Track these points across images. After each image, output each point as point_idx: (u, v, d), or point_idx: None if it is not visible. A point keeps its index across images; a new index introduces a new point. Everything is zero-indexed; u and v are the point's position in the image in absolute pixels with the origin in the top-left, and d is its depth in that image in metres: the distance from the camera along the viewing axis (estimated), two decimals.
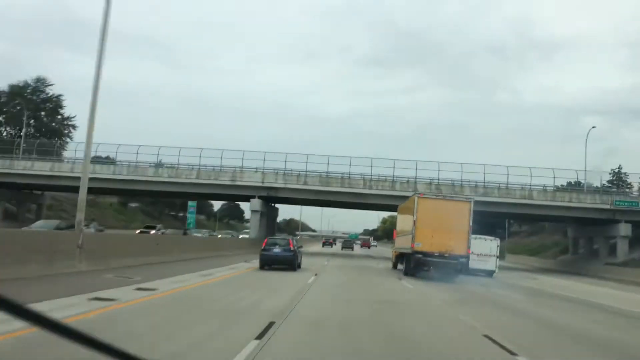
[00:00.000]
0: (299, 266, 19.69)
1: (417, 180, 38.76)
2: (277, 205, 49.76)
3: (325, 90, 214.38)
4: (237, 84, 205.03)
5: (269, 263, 18.77)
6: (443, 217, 19.04)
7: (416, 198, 19.92)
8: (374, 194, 39.01)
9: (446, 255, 18.65)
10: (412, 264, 19.62)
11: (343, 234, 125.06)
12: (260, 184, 39.29)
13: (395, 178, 38.98)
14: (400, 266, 22.94)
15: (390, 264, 26.60)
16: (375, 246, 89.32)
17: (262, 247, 19.15)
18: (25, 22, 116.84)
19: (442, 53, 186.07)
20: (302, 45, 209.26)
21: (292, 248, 19.13)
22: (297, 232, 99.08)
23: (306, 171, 39.64)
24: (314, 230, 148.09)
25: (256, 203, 39.47)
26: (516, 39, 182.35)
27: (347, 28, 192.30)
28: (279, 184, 39.37)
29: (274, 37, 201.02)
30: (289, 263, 18.76)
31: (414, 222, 19.15)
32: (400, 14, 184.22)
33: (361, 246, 78.90)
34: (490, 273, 24.10)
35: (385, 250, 59.40)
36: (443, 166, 39.11)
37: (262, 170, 39.90)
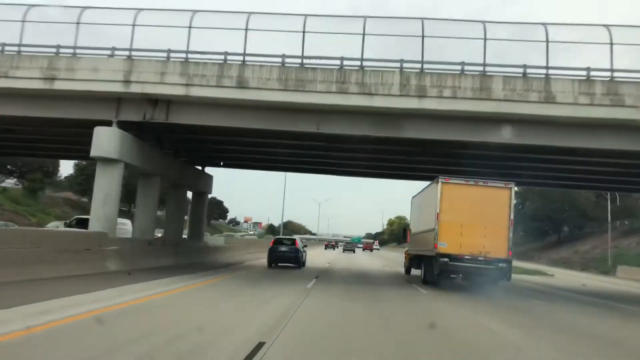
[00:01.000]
0: (303, 264, 21.46)
1: (529, 71, 14.21)
2: (210, 170, 25.23)
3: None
4: None
5: (276, 261, 20.66)
6: (475, 209, 14.72)
7: (439, 184, 14.99)
8: (423, 111, 14.41)
9: (480, 258, 14.43)
10: (436, 270, 15.01)
11: (344, 237, 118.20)
12: (121, 89, 14.74)
13: (482, 69, 14.34)
14: (415, 271, 19.81)
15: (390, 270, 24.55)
16: (378, 249, 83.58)
17: (270, 246, 20.91)
18: None
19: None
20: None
21: (297, 247, 20.89)
22: (294, 236, 79.57)
23: (245, 54, 15.06)
24: (313, 233, 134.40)
25: (109, 136, 15.02)
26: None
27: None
28: (174, 84, 14.74)
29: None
30: (295, 261, 20.65)
31: (437, 215, 14.76)
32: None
33: (363, 249, 75.91)
34: None
35: (388, 254, 56.87)
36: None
37: (128, 52, 15.30)
